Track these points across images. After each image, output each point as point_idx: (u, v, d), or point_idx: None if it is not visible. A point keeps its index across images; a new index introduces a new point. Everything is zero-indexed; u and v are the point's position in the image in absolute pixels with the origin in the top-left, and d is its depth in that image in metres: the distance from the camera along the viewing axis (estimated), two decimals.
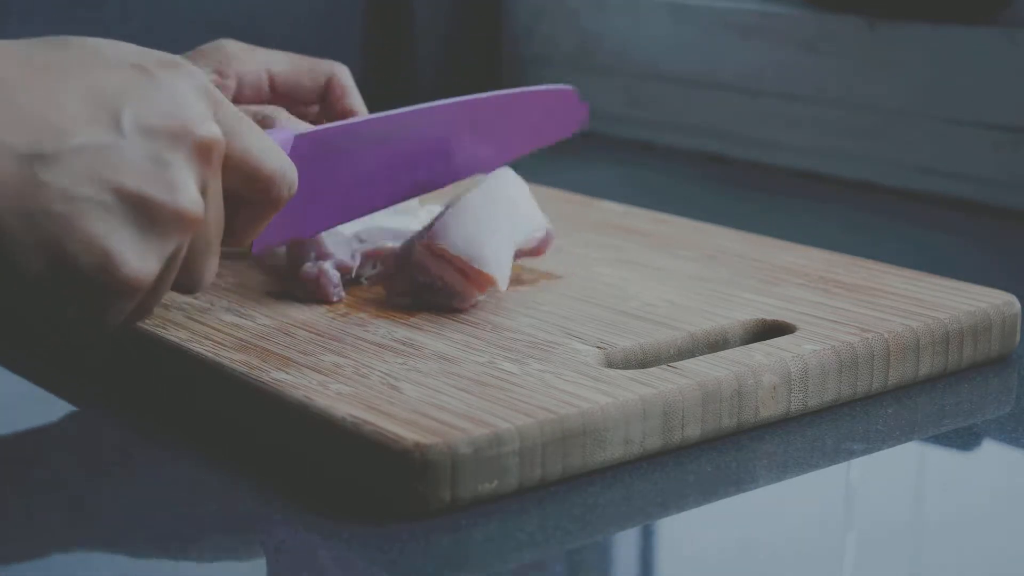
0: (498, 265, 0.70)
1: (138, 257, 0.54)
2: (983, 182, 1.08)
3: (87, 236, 0.53)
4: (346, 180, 0.69)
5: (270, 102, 0.79)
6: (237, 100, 0.78)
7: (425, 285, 0.70)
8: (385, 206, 0.72)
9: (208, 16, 1.29)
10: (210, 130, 0.56)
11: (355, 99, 0.80)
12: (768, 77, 1.22)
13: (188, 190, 0.55)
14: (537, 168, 1.23)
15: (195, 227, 0.56)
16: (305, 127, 0.69)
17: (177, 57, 0.58)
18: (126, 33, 1.24)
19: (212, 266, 0.59)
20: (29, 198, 0.52)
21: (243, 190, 0.60)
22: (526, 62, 1.42)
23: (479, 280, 0.70)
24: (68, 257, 0.53)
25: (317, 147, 0.67)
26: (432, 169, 0.73)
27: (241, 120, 0.59)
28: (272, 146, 0.60)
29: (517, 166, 0.80)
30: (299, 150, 0.66)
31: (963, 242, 1.01)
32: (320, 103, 0.80)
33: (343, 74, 0.80)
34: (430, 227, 0.71)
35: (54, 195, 0.52)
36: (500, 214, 0.72)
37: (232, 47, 0.78)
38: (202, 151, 0.56)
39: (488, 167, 0.77)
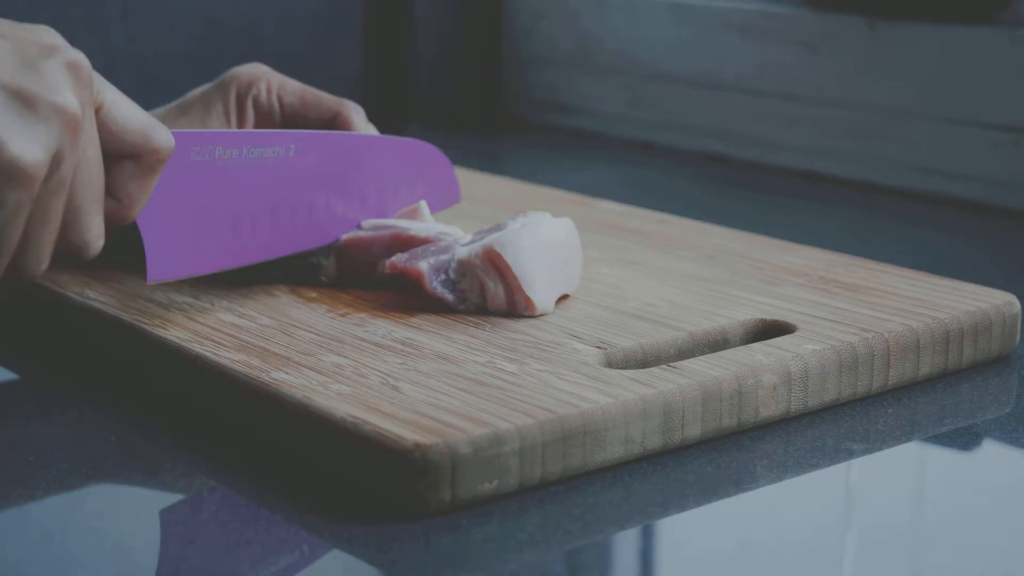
0: (543, 297, 0.70)
1: (22, 140, 0.56)
2: (983, 182, 1.08)
3: None
4: (223, 202, 0.70)
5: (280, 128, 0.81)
6: (255, 126, 0.79)
7: (451, 281, 0.71)
8: (267, 254, 0.72)
9: (208, 16, 1.29)
10: (65, 99, 0.57)
11: None
12: (768, 77, 1.22)
13: (62, 88, 0.57)
14: (537, 168, 1.23)
15: (73, 124, 0.57)
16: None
17: (45, 29, 0.61)
18: (127, 32, 1.24)
19: (97, 226, 0.61)
20: None
21: (120, 142, 0.62)
22: (526, 62, 1.42)
23: (521, 302, 0.70)
24: None
25: (185, 148, 0.68)
26: (300, 211, 0.74)
27: (107, 85, 0.61)
28: (138, 107, 0.63)
29: (514, 163, 0.80)
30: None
31: (963, 242, 1.01)
32: None
33: (350, 112, 0.80)
34: (490, 233, 0.72)
35: None
36: (562, 256, 0.72)
37: (250, 73, 0.79)
38: (73, 67, 0.58)
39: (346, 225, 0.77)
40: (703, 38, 1.26)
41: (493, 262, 0.69)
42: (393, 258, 0.72)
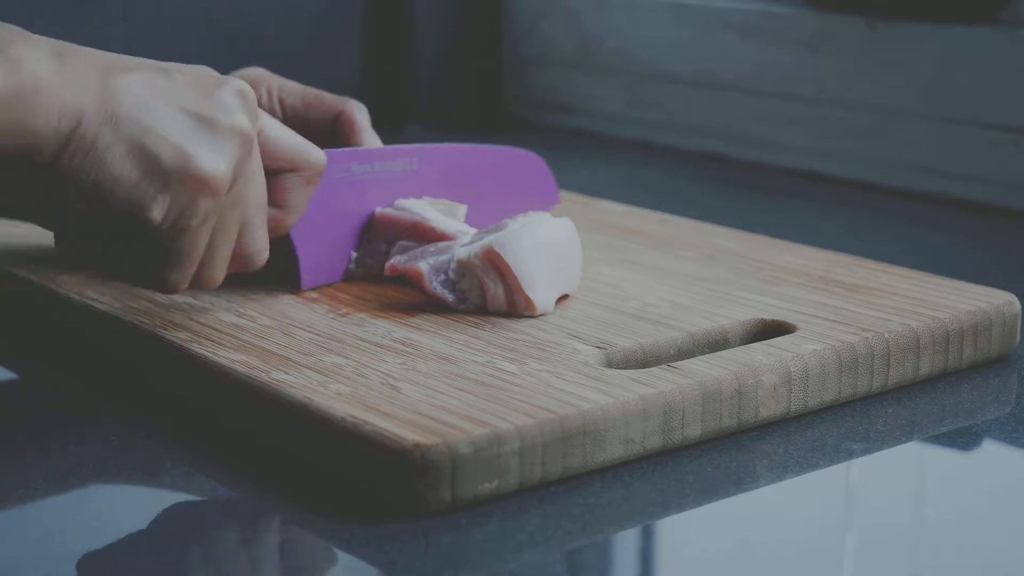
0: (543, 297, 0.70)
1: (209, 156, 0.62)
2: (983, 182, 1.08)
3: (165, 136, 0.61)
4: (356, 213, 0.76)
5: None
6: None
7: (451, 281, 0.71)
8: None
9: (208, 15, 1.29)
10: (240, 121, 0.64)
11: (363, 136, 0.81)
12: (768, 77, 1.22)
13: (238, 113, 0.64)
14: None
15: (248, 142, 0.64)
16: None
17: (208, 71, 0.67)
18: (127, 32, 1.24)
19: (263, 237, 0.67)
20: (113, 103, 0.60)
21: (278, 160, 0.69)
22: (526, 62, 1.42)
23: (521, 302, 0.70)
24: (152, 155, 0.61)
25: (328, 165, 0.74)
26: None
27: (265, 114, 0.69)
28: (290, 130, 0.70)
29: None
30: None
31: (963, 242, 1.01)
32: (331, 138, 0.81)
33: (352, 110, 0.81)
34: (489, 233, 0.72)
35: (133, 104, 0.61)
36: (562, 256, 0.72)
37: (252, 76, 0.81)
38: (242, 95, 0.65)
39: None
40: (703, 38, 1.26)
41: (493, 262, 0.69)
42: (393, 260, 0.72)
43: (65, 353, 0.73)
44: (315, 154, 0.71)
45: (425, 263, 0.71)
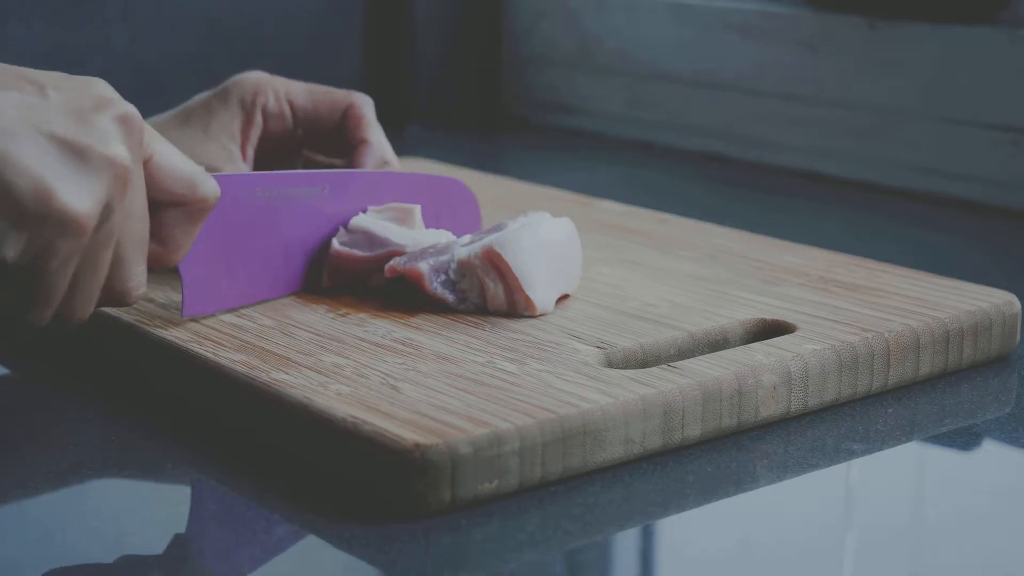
0: (543, 297, 0.70)
1: (73, 190, 0.57)
2: (983, 182, 1.08)
3: (23, 166, 0.56)
4: (260, 238, 0.72)
5: (294, 132, 0.81)
6: (265, 133, 0.80)
7: (451, 281, 0.71)
8: (301, 287, 0.74)
9: (208, 15, 1.29)
10: (129, 107, 0.60)
11: (370, 130, 0.80)
12: (768, 77, 1.22)
13: (114, 140, 0.58)
14: (537, 168, 1.23)
15: (123, 176, 0.58)
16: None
17: (97, 81, 0.62)
18: (127, 32, 1.24)
19: (140, 274, 0.62)
20: None
21: (167, 192, 0.63)
22: (526, 62, 1.42)
23: (521, 302, 0.70)
24: (7, 186, 0.56)
25: (227, 189, 0.69)
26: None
27: (156, 136, 0.63)
28: (184, 156, 0.64)
29: (514, 163, 0.80)
30: None
31: (963, 242, 1.01)
32: (337, 133, 0.81)
33: (360, 104, 0.80)
34: (489, 233, 0.72)
35: None
36: (562, 256, 0.73)
37: (254, 80, 0.80)
38: (124, 120, 0.59)
39: None
40: (703, 38, 1.26)
41: (493, 262, 0.69)
42: (392, 261, 0.72)
43: (65, 353, 0.72)
44: (207, 188, 0.64)
45: (425, 263, 0.71)
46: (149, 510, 0.58)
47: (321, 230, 0.74)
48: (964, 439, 0.66)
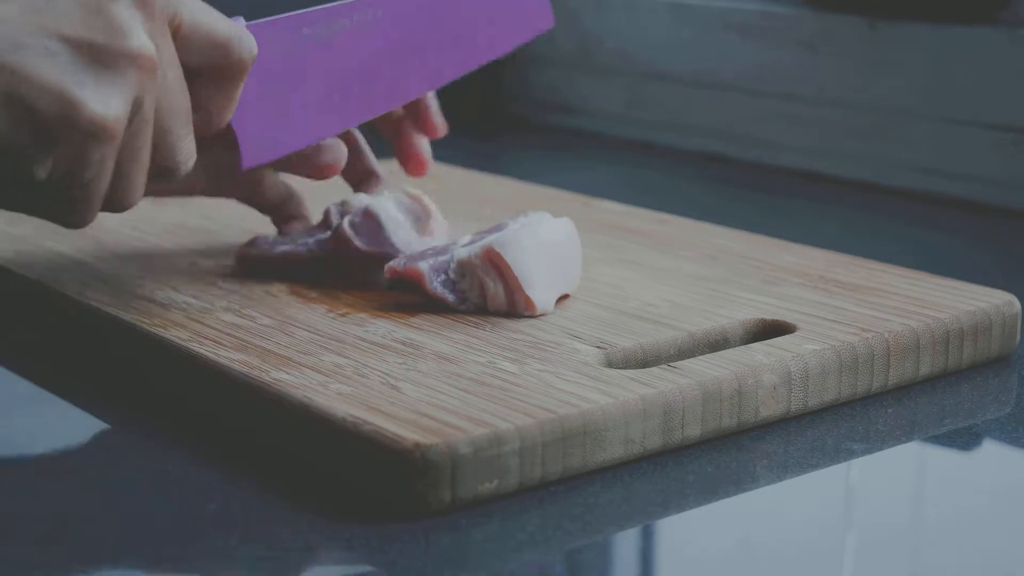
0: (543, 297, 0.70)
1: (98, 97, 0.54)
2: (983, 182, 1.08)
3: (41, 81, 0.53)
4: (313, 77, 0.69)
5: None
6: None
7: (451, 281, 0.71)
8: (363, 116, 0.72)
9: None
10: (137, 42, 0.56)
11: None
12: (768, 77, 1.22)
13: (134, 32, 0.55)
14: (537, 168, 1.23)
15: (150, 68, 0.56)
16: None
17: None
18: None
19: (188, 146, 0.60)
20: None
21: (202, 58, 0.61)
22: (526, 62, 1.42)
23: (521, 302, 0.70)
24: (27, 105, 0.53)
25: (269, 37, 0.67)
26: (400, 69, 0.74)
27: (186, 2, 0.60)
28: (218, 14, 0.61)
29: (514, 163, 0.80)
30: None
31: (963, 242, 1.01)
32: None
33: None
34: (489, 233, 0.72)
35: (1, 46, 0.53)
36: (562, 256, 0.73)
37: None
38: (141, 2, 0.56)
39: (447, 74, 0.76)
40: (703, 38, 1.26)
41: (493, 262, 0.69)
42: (392, 262, 0.72)
43: (65, 353, 0.72)
44: (243, 48, 0.62)
45: (425, 263, 0.71)
46: (149, 510, 0.58)
47: (379, 56, 0.72)
48: (964, 439, 0.66)
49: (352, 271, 0.75)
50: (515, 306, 0.70)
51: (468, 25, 0.76)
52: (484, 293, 0.70)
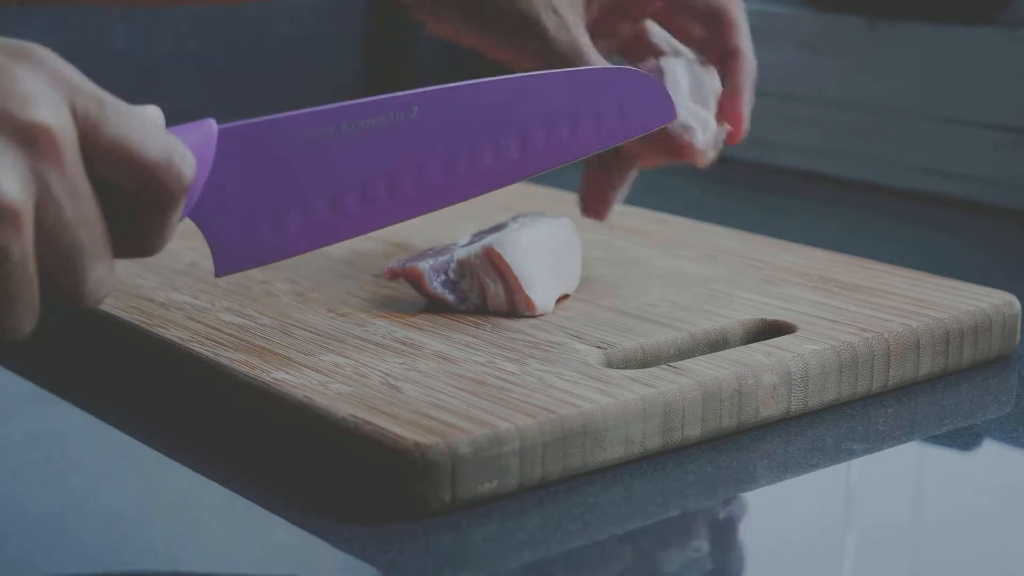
0: (544, 297, 0.70)
1: None
2: (983, 182, 1.08)
3: None
4: (302, 186, 0.62)
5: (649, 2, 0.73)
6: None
7: (451, 281, 0.71)
8: (367, 229, 0.64)
9: (208, 15, 1.29)
10: (40, 115, 0.49)
11: (741, 37, 0.71)
12: (768, 77, 1.22)
13: (39, 102, 0.49)
14: None
15: (15, 222, 0.49)
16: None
17: (32, 45, 0.51)
18: (127, 32, 1.24)
19: (98, 274, 0.52)
20: None
21: (124, 182, 0.53)
22: None
23: (521, 302, 0.70)
24: None
25: (246, 142, 0.60)
26: (430, 182, 0.64)
27: (111, 106, 0.52)
28: (156, 133, 0.53)
29: None
30: (226, 145, 0.60)
31: (963, 242, 1.01)
32: (702, 25, 0.73)
33: (733, 8, 0.71)
34: (489, 233, 0.72)
35: None
36: (562, 256, 0.73)
37: None
38: (27, 136, 0.49)
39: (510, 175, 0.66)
40: None
41: (493, 262, 0.69)
42: (391, 262, 0.72)
43: (65, 353, 0.72)
44: (172, 174, 0.53)
45: (425, 263, 0.71)
46: (149, 510, 0.58)
47: (412, 161, 0.63)
48: (964, 439, 0.66)
49: None
50: (515, 306, 0.70)
51: (541, 126, 0.66)
52: (484, 293, 0.70)
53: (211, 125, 0.59)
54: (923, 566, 0.56)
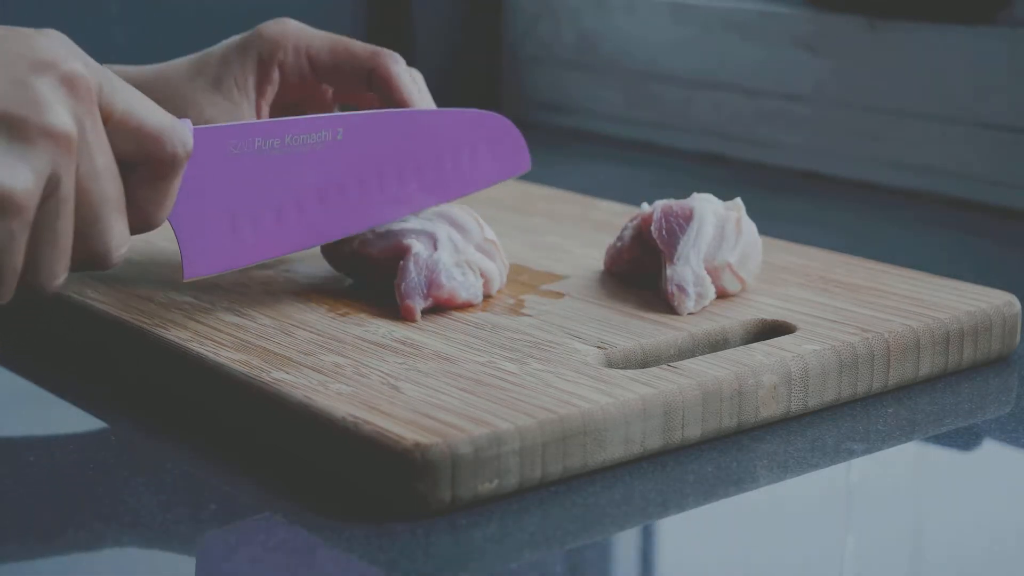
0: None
1: (7, 168, 0.53)
2: (983, 182, 1.08)
3: None
4: (265, 192, 0.68)
5: (317, 87, 0.77)
6: (283, 89, 0.75)
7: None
8: (319, 238, 0.71)
9: (208, 15, 1.29)
10: (75, 66, 0.55)
11: (405, 92, 0.74)
12: (768, 77, 1.22)
13: (55, 110, 0.55)
14: (537, 168, 1.23)
15: (67, 146, 0.55)
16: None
17: (48, 30, 0.58)
18: (127, 33, 1.24)
19: (119, 236, 0.59)
20: None
21: (134, 148, 0.59)
22: (526, 62, 1.42)
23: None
24: None
25: (212, 144, 0.65)
26: (362, 194, 0.72)
27: (118, 80, 0.59)
28: (156, 107, 0.60)
29: None
30: (198, 144, 0.65)
31: (963, 242, 1.01)
32: (373, 91, 0.75)
33: (388, 63, 0.74)
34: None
35: None
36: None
37: (275, 32, 0.75)
38: (69, 81, 0.55)
39: (414, 204, 0.74)
40: (703, 38, 1.26)
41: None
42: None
43: (65, 352, 0.72)
44: (176, 142, 0.60)
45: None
46: (149, 510, 0.58)
47: (339, 179, 0.70)
48: (964, 439, 0.66)
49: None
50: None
51: (437, 158, 0.74)
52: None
53: (188, 124, 0.62)
54: (923, 566, 0.56)
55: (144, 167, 0.60)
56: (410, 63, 0.78)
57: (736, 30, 1.24)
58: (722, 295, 0.72)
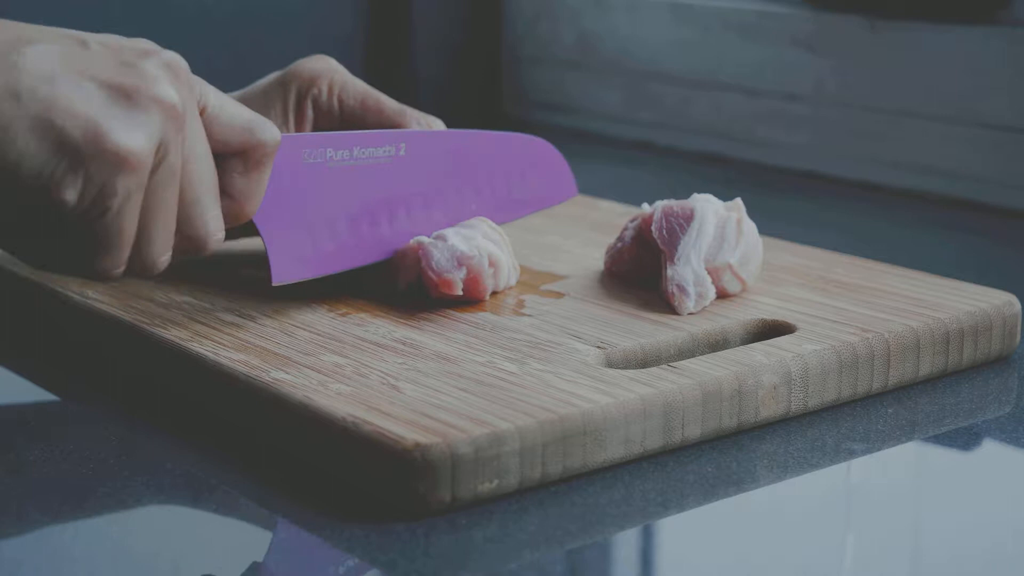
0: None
1: (125, 128, 0.58)
2: (983, 182, 1.08)
3: (73, 110, 0.57)
4: (342, 204, 0.71)
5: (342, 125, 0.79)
6: (316, 126, 0.78)
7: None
8: (385, 251, 0.73)
9: (208, 15, 1.29)
10: (175, 55, 0.61)
11: None
12: (768, 77, 1.22)
13: (163, 83, 0.60)
14: None
15: (176, 115, 0.59)
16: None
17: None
18: (127, 32, 1.24)
19: (215, 220, 0.63)
20: (13, 80, 0.57)
21: (227, 138, 0.64)
22: (526, 62, 1.42)
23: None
24: (58, 130, 0.57)
25: (287, 150, 0.69)
26: (422, 209, 0.75)
27: (203, 82, 0.64)
28: (241, 104, 0.65)
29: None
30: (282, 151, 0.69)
31: (963, 242, 1.01)
32: None
33: (411, 126, 0.77)
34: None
35: (36, 77, 0.57)
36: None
37: (313, 69, 0.78)
38: (171, 67, 0.60)
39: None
40: (703, 38, 1.26)
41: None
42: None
43: (65, 353, 0.72)
44: (266, 132, 0.65)
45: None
46: (149, 510, 0.58)
47: (405, 193, 0.74)
48: (964, 439, 0.66)
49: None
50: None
51: (492, 179, 0.78)
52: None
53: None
54: (923, 566, 0.56)
55: (236, 158, 0.64)
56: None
57: (736, 30, 1.23)
58: (722, 295, 0.72)
